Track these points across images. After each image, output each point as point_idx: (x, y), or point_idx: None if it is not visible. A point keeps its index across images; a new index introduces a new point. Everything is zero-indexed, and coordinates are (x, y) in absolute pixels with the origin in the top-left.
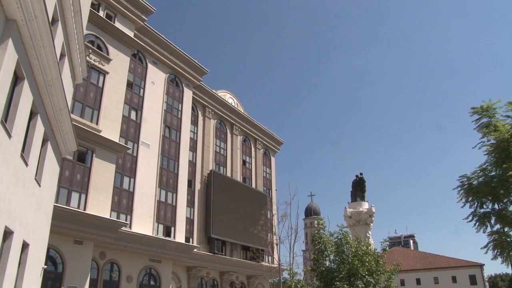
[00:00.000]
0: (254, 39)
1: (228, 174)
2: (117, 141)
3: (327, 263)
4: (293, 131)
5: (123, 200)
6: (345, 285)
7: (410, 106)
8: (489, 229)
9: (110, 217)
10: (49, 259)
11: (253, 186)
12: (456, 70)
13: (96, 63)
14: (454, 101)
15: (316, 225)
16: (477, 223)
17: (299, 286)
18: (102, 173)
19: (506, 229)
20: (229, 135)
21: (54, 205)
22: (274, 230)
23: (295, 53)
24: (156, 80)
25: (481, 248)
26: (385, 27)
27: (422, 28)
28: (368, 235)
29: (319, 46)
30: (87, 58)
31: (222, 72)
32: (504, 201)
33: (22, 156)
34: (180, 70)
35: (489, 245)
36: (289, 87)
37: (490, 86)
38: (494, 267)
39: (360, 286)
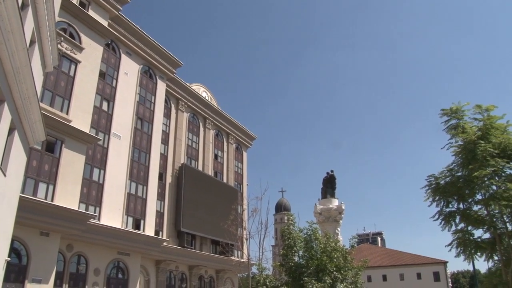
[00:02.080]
0: (231, 33)
1: (200, 168)
2: (87, 131)
3: (296, 258)
4: (266, 127)
5: (92, 191)
6: (313, 281)
7: (383, 106)
8: (453, 228)
9: (78, 208)
10: (13, 251)
11: (225, 180)
12: (430, 72)
13: (68, 52)
14: (426, 101)
15: (286, 221)
16: (443, 222)
17: (267, 281)
18: (71, 164)
19: (469, 228)
20: (201, 129)
21: (20, 196)
22: (244, 225)
23: (271, 49)
24: (129, 71)
25: (445, 246)
26: (361, 26)
27: (398, 29)
28: (337, 231)
29: (295, 43)
30: (59, 46)
31: (197, 66)
32: (469, 201)
33: None
34: (154, 62)
35: (453, 243)
36: (263, 83)
37: (460, 88)
38: (457, 264)
39: (328, 281)
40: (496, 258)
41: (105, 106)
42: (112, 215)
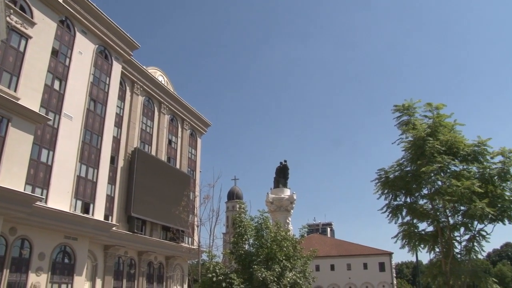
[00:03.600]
0: (191, 18)
1: (153, 153)
2: (37, 110)
3: (246, 246)
4: (222, 115)
5: (40, 173)
6: (263, 269)
7: (336, 99)
8: (400, 221)
9: (24, 190)
10: None
11: (178, 166)
12: (386, 68)
13: (18, 26)
14: (379, 97)
15: (237, 209)
16: (390, 214)
17: (217, 268)
18: (18, 143)
19: (414, 221)
20: (156, 113)
21: None
22: (195, 212)
23: (232, 36)
24: (84, 51)
25: (391, 238)
26: (322, 18)
27: (358, 23)
28: (288, 221)
29: (256, 31)
30: (8, 18)
31: (155, 49)
32: (416, 195)
33: None
34: (110, 43)
35: (399, 235)
36: (222, 71)
37: (412, 85)
38: (401, 255)
39: (277, 270)
40: (437, 250)
41: (56, 85)
42: (60, 198)
